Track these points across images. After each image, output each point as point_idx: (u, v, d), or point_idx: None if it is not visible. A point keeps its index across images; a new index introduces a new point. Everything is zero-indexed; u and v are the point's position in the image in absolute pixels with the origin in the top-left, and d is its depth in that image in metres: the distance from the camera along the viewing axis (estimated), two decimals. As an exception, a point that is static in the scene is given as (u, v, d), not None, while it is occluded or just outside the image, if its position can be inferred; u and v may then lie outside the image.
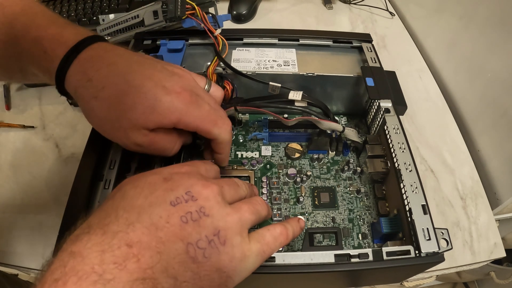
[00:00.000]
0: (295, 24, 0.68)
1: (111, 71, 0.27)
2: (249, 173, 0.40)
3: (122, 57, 0.29)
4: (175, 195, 0.23)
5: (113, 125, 0.28)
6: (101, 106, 0.27)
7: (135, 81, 0.27)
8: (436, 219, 0.30)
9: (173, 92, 0.28)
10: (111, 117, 0.27)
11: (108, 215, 0.21)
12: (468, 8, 0.53)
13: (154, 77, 0.28)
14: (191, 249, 0.21)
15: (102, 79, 0.27)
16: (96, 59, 0.28)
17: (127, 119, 0.27)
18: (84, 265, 0.18)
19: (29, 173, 0.47)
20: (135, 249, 0.19)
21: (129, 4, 0.66)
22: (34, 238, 0.41)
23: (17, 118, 0.52)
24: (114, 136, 0.29)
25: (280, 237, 0.26)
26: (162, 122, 0.28)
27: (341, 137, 0.42)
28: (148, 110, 0.27)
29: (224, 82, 0.42)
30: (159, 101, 0.27)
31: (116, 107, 0.27)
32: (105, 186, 0.31)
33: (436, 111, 0.54)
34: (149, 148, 0.29)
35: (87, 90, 0.27)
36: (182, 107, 0.28)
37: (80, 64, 0.27)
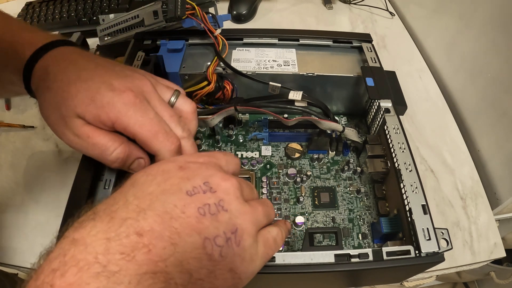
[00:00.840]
0: (295, 24, 0.68)
1: (68, 67, 0.27)
2: (250, 174, 0.40)
3: (84, 57, 0.29)
4: (192, 184, 0.21)
5: (56, 113, 0.27)
6: (50, 95, 0.27)
7: (85, 75, 0.27)
8: (436, 219, 0.30)
9: (117, 89, 0.26)
10: (55, 104, 0.27)
11: (116, 202, 0.20)
12: (468, 8, 0.53)
13: (105, 74, 0.27)
14: (208, 244, 0.20)
15: (57, 73, 0.27)
16: (58, 57, 0.28)
17: (66, 105, 0.26)
18: (86, 254, 0.16)
19: (29, 173, 0.47)
20: (146, 238, 0.18)
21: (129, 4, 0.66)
22: (34, 238, 0.41)
23: (17, 118, 0.52)
24: (57, 126, 0.28)
25: (278, 239, 0.26)
26: (100, 117, 0.26)
27: (341, 137, 0.42)
28: (87, 100, 0.26)
29: (224, 82, 0.42)
30: (99, 94, 0.26)
31: (61, 95, 0.27)
32: (105, 186, 0.31)
33: (436, 111, 0.54)
34: (87, 141, 0.27)
35: (44, 82, 0.27)
36: (122, 106, 0.26)
37: (44, 62, 0.28)
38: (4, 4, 0.77)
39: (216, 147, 0.44)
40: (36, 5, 0.70)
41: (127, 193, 0.20)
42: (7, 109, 0.54)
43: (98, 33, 0.52)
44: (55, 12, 0.68)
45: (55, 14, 0.67)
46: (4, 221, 0.42)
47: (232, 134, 0.45)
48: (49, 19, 0.67)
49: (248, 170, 0.42)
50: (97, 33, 0.53)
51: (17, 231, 0.42)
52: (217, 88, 0.42)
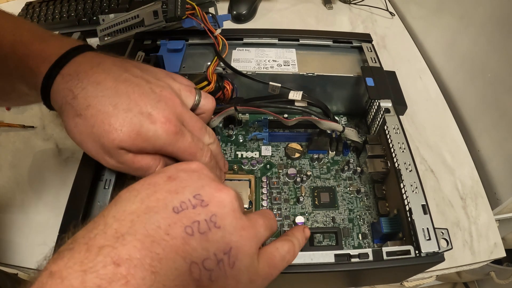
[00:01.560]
0: (295, 24, 0.68)
1: (97, 90, 0.27)
2: (249, 177, 0.40)
3: (109, 74, 0.28)
4: (179, 199, 0.19)
5: (95, 144, 0.27)
6: (85, 124, 0.27)
7: (122, 104, 0.27)
8: (436, 219, 0.30)
9: (158, 121, 0.27)
10: (94, 135, 0.27)
11: (96, 226, 0.18)
12: (468, 8, 0.53)
13: (140, 102, 0.28)
14: (195, 269, 0.18)
15: (87, 98, 0.27)
16: (82, 75, 0.27)
17: (111, 140, 0.27)
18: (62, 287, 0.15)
19: (29, 173, 0.47)
20: (124, 268, 0.16)
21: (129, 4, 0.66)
22: (34, 238, 0.41)
23: (17, 118, 0.52)
24: (95, 154, 0.28)
25: (288, 256, 0.24)
26: (145, 148, 0.28)
27: (341, 137, 0.42)
28: (133, 135, 0.27)
29: (224, 82, 0.42)
30: (144, 128, 0.27)
31: (100, 127, 0.26)
32: (105, 186, 0.31)
33: (436, 111, 0.54)
34: (132, 167, 0.28)
35: (72, 107, 0.27)
36: (166, 137, 0.28)
37: (65, 80, 0.27)
38: (4, 4, 0.77)
39: (216, 147, 0.44)
40: (36, 5, 0.70)
41: (108, 215, 0.19)
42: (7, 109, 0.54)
43: (98, 33, 0.52)
44: (55, 12, 0.68)
45: (55, 14, 0.67)
46: (4, 221, 0.42)
47: (232, 134, 0.45)
48: (49, 19, 0.67)
49: (248, 171, 0.42)
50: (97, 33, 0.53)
51: (17, 231, 0.42)
52: (217, 88, 0.42)
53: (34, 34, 0.30)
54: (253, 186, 0.40)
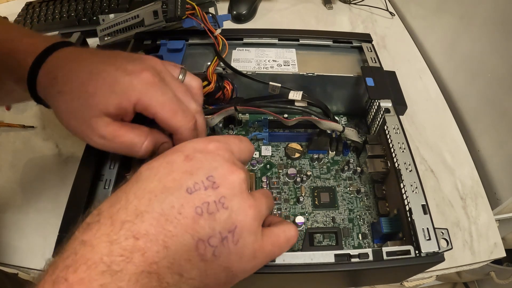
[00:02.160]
0: (295, 24, 0.68)
1: (75, 66, 0.27)
2: (249, 175, 0.40)
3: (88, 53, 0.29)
4: (194, 180, 0.21)
5: (77, 118, 0.27)
6: (65, 100, 0.27)
7: (97, 69, 0.27)
8: (436, 219, 0.30)
9: (133, 72, 0.27)
10: (74, 108, 0.26)
11: (118, 201, 0.20)
12: (468, 8, 0.53)
13: (116, 62, 0.27)
14: (201, 246, 0.20)
15: (66, 75, 0.27)
16: (61, 59, 0.28)
17: (88, 106, 0.26)
18: (93, 254, 0.18)
19: (29, 173, 0.47)
20: (142, 241, 0.19)
21: (129, 4, 0.66)
22: (34, 238, 0.41)
23: (17, 118, 0.52)
24: (80, 130, 0.28)
25: (293, 239, 0.25)
26: (122, 104, 0.26)
27: (341, 137, 0.42)
28: (107, 93, 0.26)
29: (224, 82, 0.42)
30: (117, 82, 0.26)
31: (79, 97, 0.26)
32: (105, 186, 0.31)
33: (436, 111, 0.54)
34: (114, 141, 0.27)
35: (53, 87, 0.27)
36: (141, 87, 0.26)
37: (47, 66, 0.28)
38: (4, 4, 0.77)
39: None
40: (36, 5, 0.70)
41: (129, 191, 0.21)
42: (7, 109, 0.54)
43: (98, 33, 0.52)
44: (55, 12, 0.68)
45: (55, 14, 0.67)
46: (4, 221, 0.42)
47: (232, 134, 0.45)
48: (49, 19, 0.67)
49: (248, 171, 0.42)
50: (97, 33, 0.53)
51: (17, 231, 0.42)
52: (217, 88, 0.42)
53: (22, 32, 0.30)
54: (253, 185, 0.40)
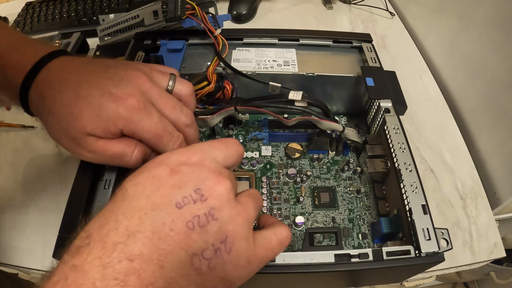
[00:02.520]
0: (295, 24, 0.68)
1: (62, 87, 0.27)
2: (250, 174, 0.40)
3: (76, 71, 0.28)
4: (182, 194, 0.20)
5: (66, 137, 0.27)
6: (54, 120, 0.27)
7: (83, 91, 0.27)
8: (436, 219, 0.30)
9: (119, 98, 0.27)
10: (62, 129, 0.27)
11: (107, 222, 0.20)
12: (468, 8, 0.53)
13: (102, 84, 0.27)
14: (196, 260, 0.20)
15: (53, 95, 0.27)
16: (50, 77, 0.28)
17: (75, 128, 0.26)
18: (86, 279, 0.17)
19: (29, 173, 0.47)
20: (136, 263, 0.18)
21: (129, 4, 0.66)
22: (34, 238, 0.41)
23: (17, 118, 0.52)
24: (70, 148, 0.28)
25: (286, 241, 0.25)
26: (109, 129, 0.27)
27: (341, 137, 0.42)
28: (94, 117, 0.26)
29: (224, 82, 0.42)
30: (103, 108, 0.26)
31: (65, 119, 0.27)
32: (105, 186, 0.31)
33: (436, 111, 0.54)
34: (104, 155, 0.28)
35: (43, 108, 0.27)
36: (126, 114, 0.27)
37: (37, 86, 0.27)
38: (4, 4, 0.77)
39: (216, 147, 0.44)
40: (36, 5, 0.70)
41: (118, 211, 0.20)
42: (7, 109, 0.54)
43: (98, 33, 0.52)
44: (55, 12, 0.68)
45: (55, 14, 0.67)
46: (4, 221, 0.42)
47: (232, 134, 0.45)
48: (49, 19, 0.67)
49: (248, 171, 0.42)
50: (97, 33, 0.53)
51: (17, 231, 0.42)
52: (217, 88, 0.42)
53: (11, 43, 0.29)
54: (253, 184, 0.39)
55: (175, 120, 0.30)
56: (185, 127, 0.31)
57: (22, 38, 0.30)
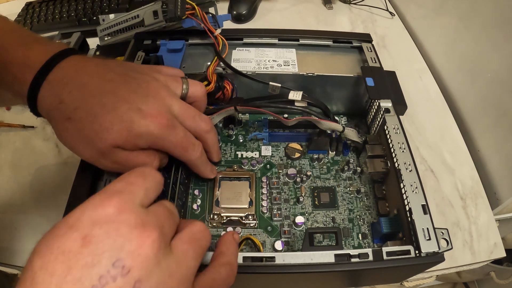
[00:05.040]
0: (295, 24, 0.68)
1: (84, 92, 0.27)
2: (250, 174, 0.40)
3: (94, 76, 0.28)
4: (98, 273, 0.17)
5: (88, 146, 0.27)
6: (74, 127, 0.27)
7: (110, 103, 0.27)
8: (436, 219, 0.30)
9: (149, 116, 0.27)
10: (86, 138, 0.27)
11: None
12: (468, 8, 0.53)
13: (129, 98, 0.27)
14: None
15: (74, 101, 0.26)
16: (67, 80, 0.27)
17: (103, 139, 0.26)
18: None
19: (29, 173, 0.47)
20: None
21: (129, 4, 0.66)
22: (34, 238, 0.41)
23: (17, 118, 0.52)
24: (89, 157, 0.28)
25: (228, 279, 0.23)
26: (138, 144, 0.28)
27: (341, 137, 0.42)
28: (125, 132, 0.27)
29: (224, 82, 0.42)
30: (135, 124, 0.27)
31: (91, 128, 0.26)
32: (105, 186, 0.31)
33: (436, 111, 0.54)
34: (127, 165, 0.28)
35: (60, 111, 0.27)
36: (158, 132, 0.28)
37: (50, 86, 0.27)
38: (4, 4, 0.77)
39: (216, 147, 0.44)
40: (36, 5, 0.70)
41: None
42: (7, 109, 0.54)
43: (98, 33, 0.52)
44: (55, 12, 0.68)
45: (55, 14, 0.67)
46: (4, 221, 0.42)
47: (232, 134, 0.45)
48: (49, 19, 0.67)
49: (248, 171, 0.42)
50: (97, 33, 0.53)
51: (17, 231, 0.42)
52: (217, 88, 0.42)
53: (16, 38, 0.29)
54: (253, 184, 0.39)
55: (196, 128, 0.32)
56: (205, 133, 0.33)
57: (28, 34, 0.30)
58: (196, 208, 0.38)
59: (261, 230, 0.38)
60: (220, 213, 0.37)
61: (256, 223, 0.37)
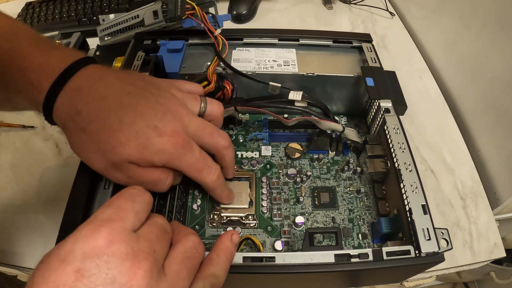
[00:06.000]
0: (295, 24, 0.68)
1: (101, 105, 0.26)
2: (250, 174, 0.40)
3: (113, 88, 0.27)
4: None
5: (102, 159, 0.27)
6: (90, 140, 0.26)
7: (127, 118, 0.26)
8: (436, 219, 0.30)
9: (165, 134, 0.27)
10: (101, 151, 0.26)
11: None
12: (468, 8, 0.53)
13: (146, 115, 0.27)
14: None
15: (91, 113, 0.26)
16: (85, 90, 0.26)
17: (118, 154, 0.26)
18: None
19: (29, 173, 0.47)
20: None
21: (129, 4, 0.66)
22: (34, 238, 0.41)
23: (17, 118, 0.52)
24: (102, 169, 0.28)
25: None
26: (153, 161, 0.27)
27: (341, 137, 0.42)
28: (141, 148, 0.26)
29: (224, 82, 0.42)
30: (151, 142, 0.27)
31: (106, 142, 0.26)
32: (105, 186, 0.31)
33: (436, 111, 0.54)
34: (140, 181, 0.28)
35: (76, 123, 0.26)
36: (173, 151, 0.28)
37: (68, 96, 0.26)
38: (4, 4, 0.77)
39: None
40: (36, 5, 0.70)
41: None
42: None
43: (98, 33, 0.52)
44: (55, 12, 0.68)
45: (55, 14, 0.67)
46: (4, 221, 0.42)
47: (232, 134, 0.45)
48: (49, 19, 0.67)
49: (248, 171, 0.42)
50: (97, 33, 0.53)
51: (17, 232, 0.42)
52: (217, 88, 0.42)
53: (33, 44, 0.28)
54: (254, 183, 0.39)
55: (215, 145, 0.32)
56: (224, 149, 0.32)
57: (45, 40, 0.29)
58: (196, 208, 0.38)
59: (261, 230, 0.38)
60: (220, 213, 0.37)
61: (256, 223, 0.37)
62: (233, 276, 0.28)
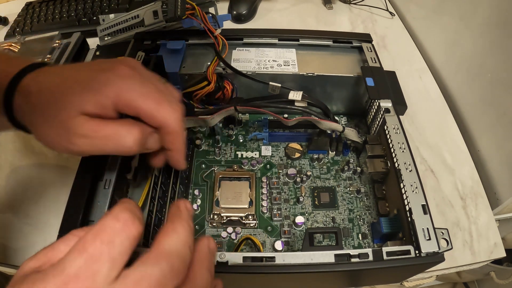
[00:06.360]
0: (295, 24, 0.68)
1: (48, 77, 0.26)
2: (250, 174, 0.40)
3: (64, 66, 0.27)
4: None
5: (54, 125, 0.25)
6: (40, 110, 0.25)
7: (72, 73, 0.26)
8: (436, 219, 0.30)
9: (109, 68, 0.25)
10: (49, 115, 0.25)
11: None
12: (468, 8, 0.53)
13: (91, 65, 0.26)
14: None
15: (41, 87, 0.25)
16: (38, 76, 0.26)
17: (62, 108, 0.24)
18: None
19: (29, 173, 0.47)
20: None
21: (129, 4, 0.66)
22: (34, 238, 0.41)
23: (17, 118, 0.52)
24: (59, 139, 0.25)
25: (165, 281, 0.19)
26: (100, 101, 0.24)
27: (341, 137, 0.42)
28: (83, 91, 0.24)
29: (224, 82, 0.42)
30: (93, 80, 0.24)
31: (53, 101, 0.24)
32: (105, 186, 0.31)
33: (436, 111, 0.54)
34: (98, 137, 0.24)
35: (28, 105, 0.25)
36: (119, 81, 0.25)
37: (23, 85, 0.26)
38: (4, 4, 0.77)
39: (216, 147, 0.44)
40: (36, 5, 0.70)
41: None
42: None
43: (98, 33, 0.52)
44: (55, 12, 0.68)
45: (55, 14, 0.67)
46: (4, 221, 0.42)
47: (232, 134, 0.45)
48: (49, 19, 0.67)
49: (248, 171, 0.42)
50: (97, 33, 0.53)
51: (17, 231, 0.42)
52: (217, 88, 0.42)
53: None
54: (253, 184, 0.39)
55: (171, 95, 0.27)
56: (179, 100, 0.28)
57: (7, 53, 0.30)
58: (196, 208, 0.38)
59: (261, 230, 0.38)
60: (220, 213, 0.37)
61: (256, 223, 0.37)
62: (233, 276, 0.28)
